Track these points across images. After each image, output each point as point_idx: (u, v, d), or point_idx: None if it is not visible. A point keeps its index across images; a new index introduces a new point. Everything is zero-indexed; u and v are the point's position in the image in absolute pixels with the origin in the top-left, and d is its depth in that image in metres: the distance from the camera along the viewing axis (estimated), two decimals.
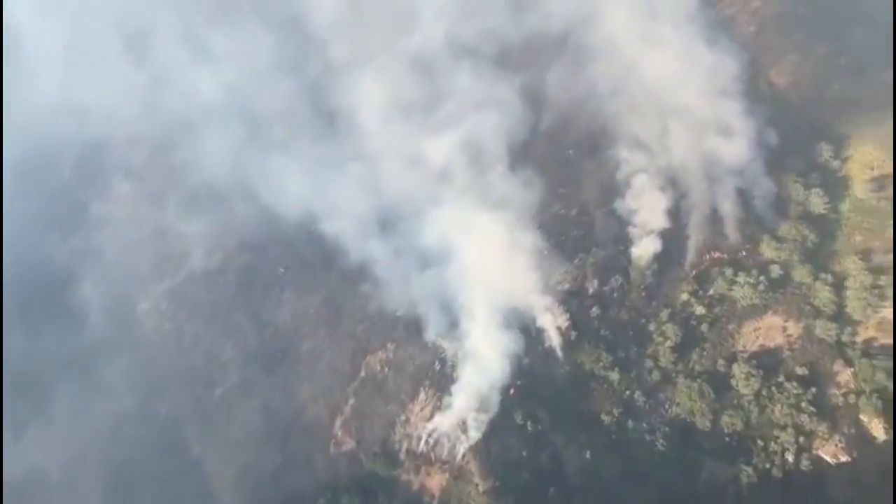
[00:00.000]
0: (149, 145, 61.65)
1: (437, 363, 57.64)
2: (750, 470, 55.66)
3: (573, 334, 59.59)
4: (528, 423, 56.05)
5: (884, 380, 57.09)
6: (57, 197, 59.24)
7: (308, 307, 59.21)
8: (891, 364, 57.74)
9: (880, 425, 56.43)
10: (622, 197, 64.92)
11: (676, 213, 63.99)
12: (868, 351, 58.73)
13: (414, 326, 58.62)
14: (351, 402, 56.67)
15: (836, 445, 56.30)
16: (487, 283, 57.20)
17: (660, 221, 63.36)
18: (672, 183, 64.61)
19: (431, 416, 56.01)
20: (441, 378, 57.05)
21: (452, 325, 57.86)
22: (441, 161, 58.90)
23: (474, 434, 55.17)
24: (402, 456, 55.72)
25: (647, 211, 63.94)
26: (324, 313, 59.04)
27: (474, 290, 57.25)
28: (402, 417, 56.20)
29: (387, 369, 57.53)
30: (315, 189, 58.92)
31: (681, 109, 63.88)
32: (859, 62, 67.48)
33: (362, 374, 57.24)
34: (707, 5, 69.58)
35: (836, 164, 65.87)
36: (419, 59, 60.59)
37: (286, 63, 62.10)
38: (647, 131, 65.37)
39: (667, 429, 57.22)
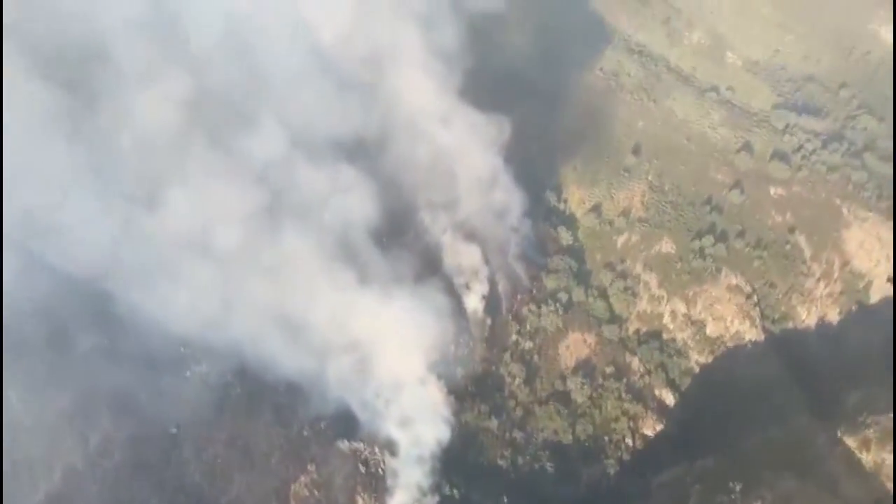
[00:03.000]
0: None
1: (360, 466, 56.59)
2: (612, 461, 67.27)
3: (451, 398, 63.88)
4: (455, 491, 59.19)
5: (658, 356, 73.80)
6: None
7: (213, 458, 52.08)
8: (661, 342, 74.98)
9: (669, 393, 72.67)
10: (443, 259, 70.98)
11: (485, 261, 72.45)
12: (640, 339, 75.06)
13: (325, 439, 56.41)
14: None
15: (651, 419, 70.86)
16: (385, 364, 58.26)
17: (478, 268, 70.79)
18: (471, 235, 72.67)
19: None
20: (371, 479, 56.16)
21: (368, 419, 57.61)
22: (305, 253, 57.43)
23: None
24: None
25: (465, 263, 70.91)
26: (231, 458, 52.27)
27: (377, 374, 57.90)
28: None
29: (316, 491, 54.23)
30: (182, 326, 52.33)
31: (461, 169, 72.05)
32: (542, 126, 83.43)
33: None
34: None
35: (561, 206, 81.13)
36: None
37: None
38: (441, 194, 72.27)
39: (546, 452, 65.69)
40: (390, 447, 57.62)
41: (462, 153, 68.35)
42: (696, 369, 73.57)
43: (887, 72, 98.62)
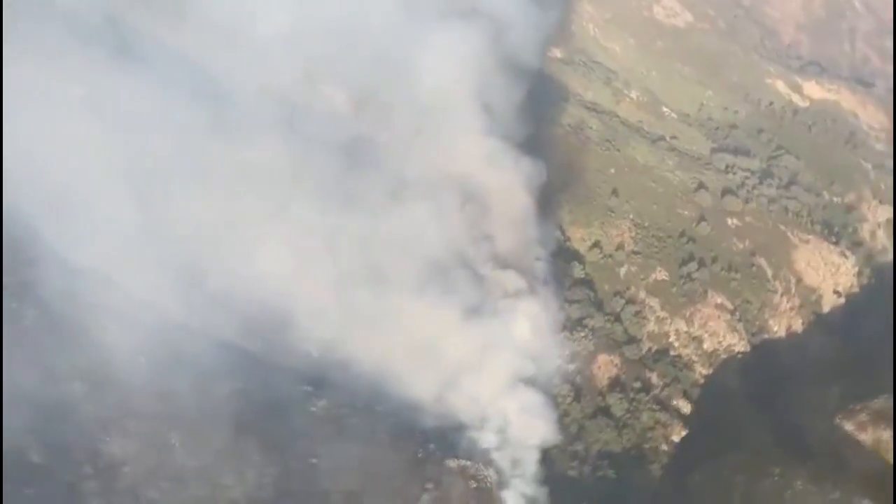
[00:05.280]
0: None
1: (471, 482, 59.26)
2: (656, 466, 73.42)
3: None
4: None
5: (672, 371, 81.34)
6: None
7: (349, 485, 52.96)
8: (671, 359, 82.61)
9: (685, 403, 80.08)
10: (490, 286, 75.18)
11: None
12: (654, 357, 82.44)
13: (436, 459, 58.39)
14: None
15: (678, 427, 77.77)
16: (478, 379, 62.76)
17: (521, 292, 73.77)
18: (506, 264, 76.38)
19: None
20: (482, 493, 59.05)
21: (470, 435, 61.44)
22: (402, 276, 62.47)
23: None
24: None
25: (509, 287, 73.44)
26: (364, 485, 53.03)
27: (472, 389, 62.18)
28: None
29: None
30: (302, 367, 54.85)
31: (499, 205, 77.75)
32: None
33: None
34: None
35: (567, 244, 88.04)
36: None
37: None
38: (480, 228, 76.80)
39: (605, 462, 71.06)
40: (492, 461, 61.43)
41: (504, 191, 74.61)
42: (702, 380, 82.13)
43: (790, 118, 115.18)
